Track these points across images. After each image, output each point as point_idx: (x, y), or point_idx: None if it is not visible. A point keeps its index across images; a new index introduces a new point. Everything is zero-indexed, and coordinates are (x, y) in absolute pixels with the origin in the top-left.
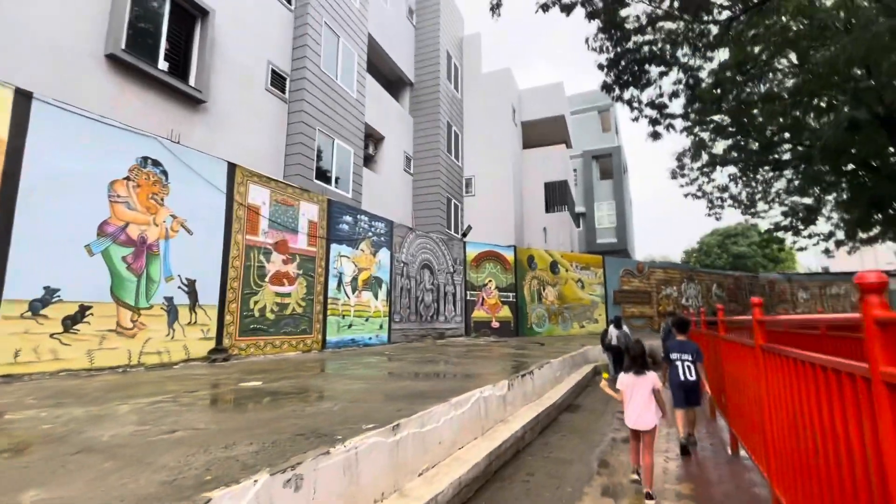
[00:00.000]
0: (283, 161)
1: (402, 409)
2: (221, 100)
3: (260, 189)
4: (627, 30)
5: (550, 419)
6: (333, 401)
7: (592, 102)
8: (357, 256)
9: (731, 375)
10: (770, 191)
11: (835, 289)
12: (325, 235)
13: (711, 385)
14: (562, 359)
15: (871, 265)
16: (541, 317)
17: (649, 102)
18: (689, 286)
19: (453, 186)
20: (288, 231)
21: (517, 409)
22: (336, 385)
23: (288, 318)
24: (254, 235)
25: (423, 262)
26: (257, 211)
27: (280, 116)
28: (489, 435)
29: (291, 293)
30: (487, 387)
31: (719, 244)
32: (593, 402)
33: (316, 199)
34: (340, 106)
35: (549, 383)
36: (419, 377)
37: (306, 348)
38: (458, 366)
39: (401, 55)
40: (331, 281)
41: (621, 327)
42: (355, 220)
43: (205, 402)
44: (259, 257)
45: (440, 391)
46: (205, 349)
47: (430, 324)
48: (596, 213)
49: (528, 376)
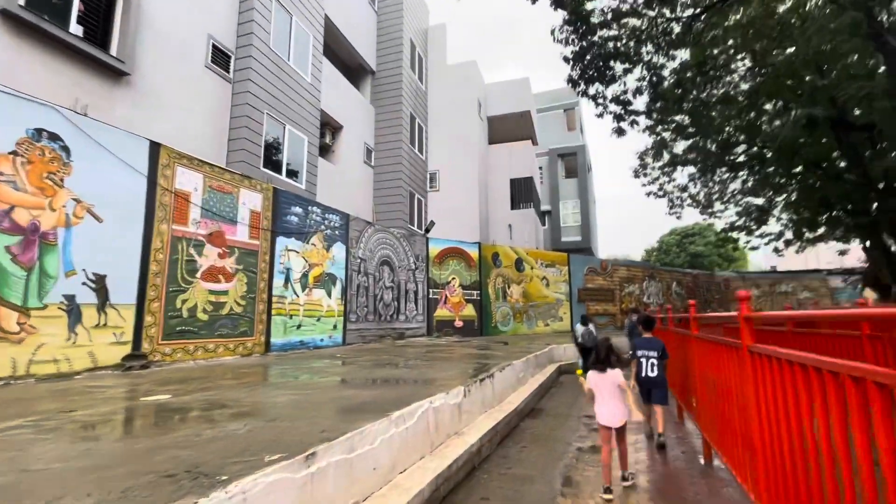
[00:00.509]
0: (227, 146)
1: (328, 431)
2: (151, 74)
3: (191, 173)
4: (593, 23)
5: (511, 427)
6: (246, 420)
7: (558, 101)
8: (308, 251)
9: (704, 377)
10: (726, 191)
11: (783, 286)
12: (271, 227)
13: (679, 386)
14: (525, 359)
15: (814, 264)
16: (505, 315)
17: (614, 98)
18: (650, 284)
19: (417, 181)
20: (225, 221)
21: (474, 419)
22: (260, 397)
23: (224, 319)
24: (182, 225)
25: (383, 258)
26: (187, 198)
27: (223, 97)
28: (440, 452)
29: (229, 291)
30: (439, 395)
31: (678, 243)
32: (557, 404)
33: (259, 186)
34: (293, 90)
35: (511, 387)
36: (365, 384)
37: (246, 352)
38: (413, 369)
39: (362, 42)
40: (276, 277)
41: (587, 325)
42: (306, 212)
43: (75, 427)
44: (189, 250)
45: (385, 402)
46: (118, 355)
47: (390, 323)
48: (561, 212)
49: (487, 380)
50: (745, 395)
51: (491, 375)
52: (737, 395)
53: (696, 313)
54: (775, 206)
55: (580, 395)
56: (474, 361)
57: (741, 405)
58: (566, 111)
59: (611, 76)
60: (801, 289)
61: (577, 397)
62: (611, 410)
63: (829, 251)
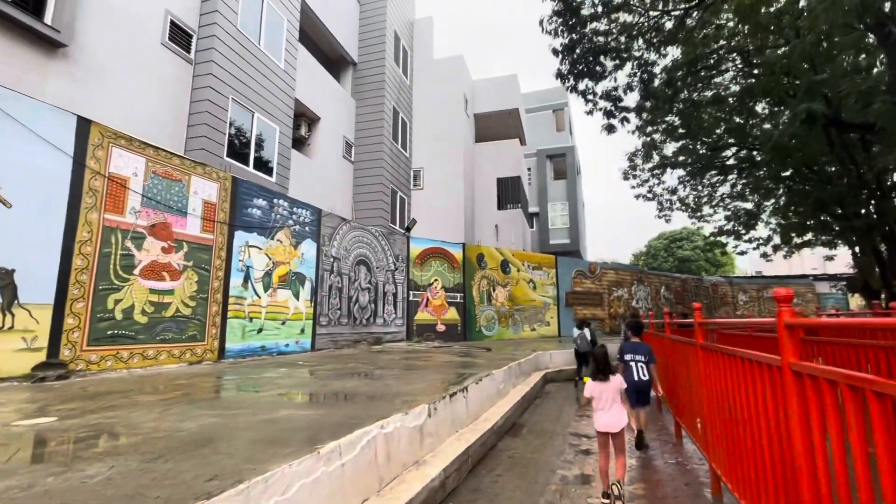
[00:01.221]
0: (186, 133)
1: (222, 476)
2: (95, 48)
3: (130, 156)
4: (583, 15)
5: (487, 448)
6: (117, 459)
7: (546, 101)
8: (272, 248)
9: (714, 397)
10: (715, 195)
11: (770, 292)
12: (228, 220)
13: (681, 403)
14: (507, 368)
15: (799, 270)
16: (490, 319)
17: (604, 94)
18: (639, 288)
19: (399, 178)
20: (172, 212)
21: (441, 443)
22: (169, 421)
23: (168, 322)
24: (117, 214)
25: (359, 257)
26: (124, 183)
27: (183, 79)
28: (389, 492)
29: (175, 290)
30: (395, 417)
31: (665, 248)
32: (541, 419)
33: (216, 175)
34: (264, 76)
35: (490, 400)
36: (311, 401)
37: (196, 359)
38: (378, 380)
39: (343, 31)
40: (234, 276)
41: (583, 329)
42: (271, 205)
43: None
44: (125, 243)
45: (325, 427)
46: (28, 364)
47: (366, 327)
48: (550, 214)
49: (460, 395)
50: (784, 426)
51: (464, 389)
52: (768, 426)
53: (701, 318)
54: (764, 211)
55: (566, 405)
56: (451, 371)
57: (775, 439)
58: (555, 112)
59: (601, 72)
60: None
61: (563, 409)
62: (612, 417)
63: (814, 257)
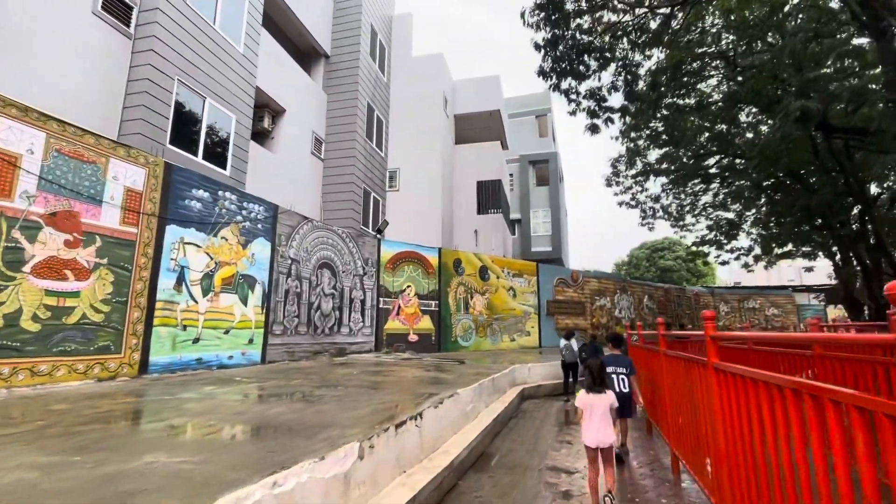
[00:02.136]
0: (121, 115)
1: None
2: (10, 14)
3: (25, 129)
4: (566, 10)
5: (443, 492)
6: None
7: (529, 106)
8: (215, 246)
9: (729, 434)
10: (697, 204)
11: (751, 302)
12: (158, 212)
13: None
14: (478, 385)
15: (776, 281)
16: (467, 329)
17: (588, 93)
18: (622, 297)
19: (374, 178)
20: (82, 199)
21: (378, 492)
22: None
23: (71, 331)
24: (3, 199)
25: (322, 260)
26: (13, 161)
27: (119, 55)
28: None
29: (81, 292)
30: (301, 465)
31: (647, 257)
32: (514, 447)
33: (143, 159)
34: (219, 59)
35: (453, 426)
36: (208, 437)
37: (107, 374)
38: (315, 404)
39: (315, 22)
40: (164, 277)
41: (570, 339)
42: (215, 198)
43: None
44: (12, 233)
45: (193, 487)
46: None
47: (329, 337)
48: (532, 221)
49: (410, 425)
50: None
51: (418, 416)
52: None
53: (714, 330)
54: (745, 221)
55: (543, 427)
56: (411, 389)
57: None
58: (538, 117)
59: (584, 72)
60: (768, 305)
61: (541, 433)
62: (601, 432)
63: (791, 269)
